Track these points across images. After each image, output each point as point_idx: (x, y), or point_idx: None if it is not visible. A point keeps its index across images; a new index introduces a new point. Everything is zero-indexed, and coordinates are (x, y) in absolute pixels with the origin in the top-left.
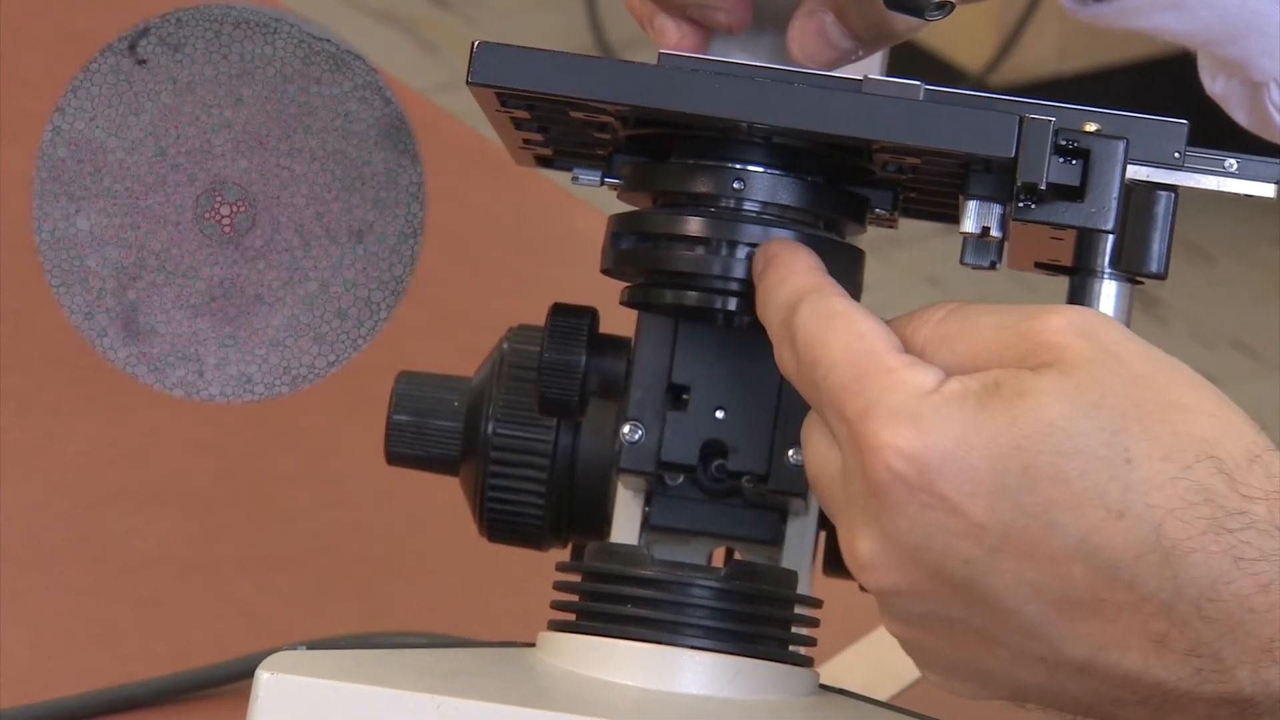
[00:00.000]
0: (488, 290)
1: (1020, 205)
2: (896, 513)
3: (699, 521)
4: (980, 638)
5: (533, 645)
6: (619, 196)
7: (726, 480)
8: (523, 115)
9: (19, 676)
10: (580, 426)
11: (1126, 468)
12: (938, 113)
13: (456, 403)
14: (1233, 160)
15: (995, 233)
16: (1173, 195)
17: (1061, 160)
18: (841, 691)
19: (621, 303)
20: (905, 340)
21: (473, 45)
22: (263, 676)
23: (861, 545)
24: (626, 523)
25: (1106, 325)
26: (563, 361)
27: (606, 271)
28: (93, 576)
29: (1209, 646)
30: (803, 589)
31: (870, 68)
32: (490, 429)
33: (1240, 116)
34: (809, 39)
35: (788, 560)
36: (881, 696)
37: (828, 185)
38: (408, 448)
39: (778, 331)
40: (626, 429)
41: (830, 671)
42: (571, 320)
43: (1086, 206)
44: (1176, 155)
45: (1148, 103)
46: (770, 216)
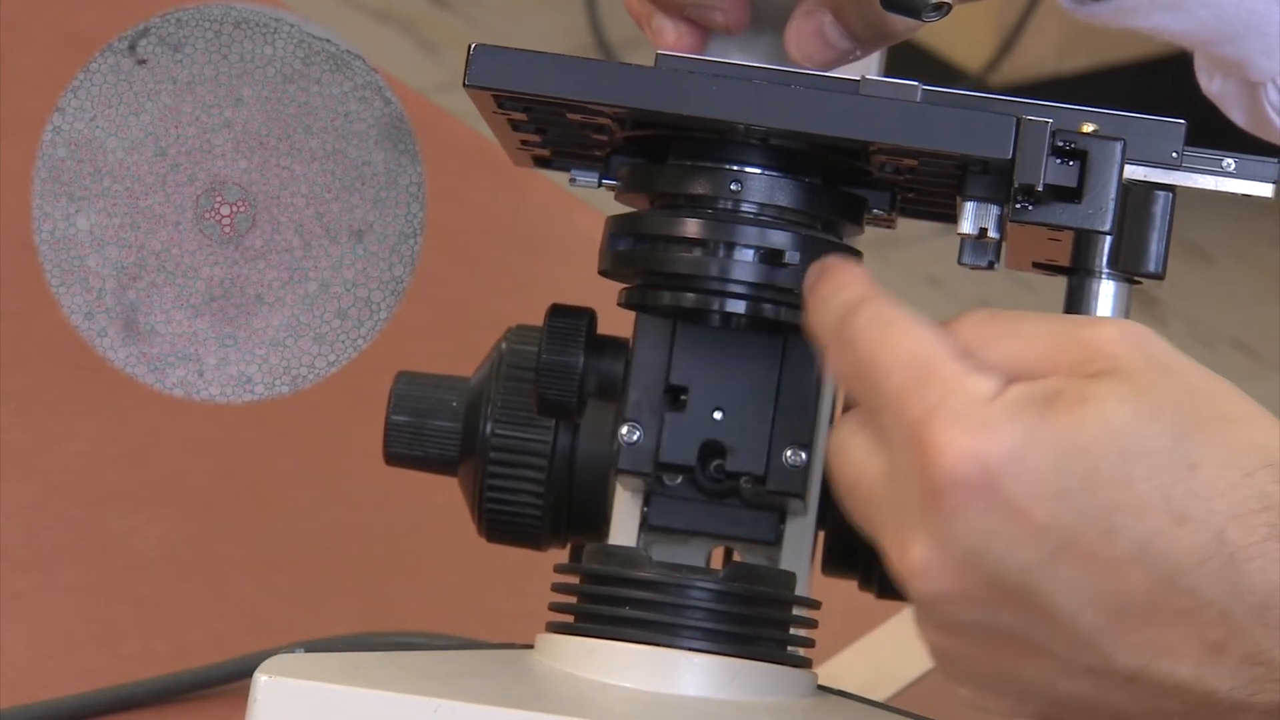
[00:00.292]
0: (487, 290)
1: (1017, 206)
2: (956, 516)
3: (697, 522)
4: (1026, 647)
5: (530, 647)
6: (616, 198)
7: (725, 481)
8: (520, 117)
9: (19, 676)
10: (578, 427)
11: (1190, 473)
12: (934, 114)
13: (455, 403)
14: (1230, 160)
15: (993, 234)
16: (1170, 195)
17: (1059, 161)
18: (840, 692)
19: (619, 304)
20: None
21: (469, 48)
22: (260, 680)
23: (914, 550)
24: (625, 523)
25: (1155, 339)
26: (561, 362)
27: (604, 273)
28: (93, 576)
29: (1267, 654)
30: (801, 589)
31: (868, 67)
32: (489, 429)
33: (1238, 116)
34: (807, 39)
35: (786, 560)
36: (880, 697)
37: (825, 186)
38: (406, 448)
39: (833, 338)
40: (624, 430)
41: (829, 672)
42: (570, 321)
43: (1084, 207)
44: (1174, 155)
45: (1146, 102)
46: (767, 218)
